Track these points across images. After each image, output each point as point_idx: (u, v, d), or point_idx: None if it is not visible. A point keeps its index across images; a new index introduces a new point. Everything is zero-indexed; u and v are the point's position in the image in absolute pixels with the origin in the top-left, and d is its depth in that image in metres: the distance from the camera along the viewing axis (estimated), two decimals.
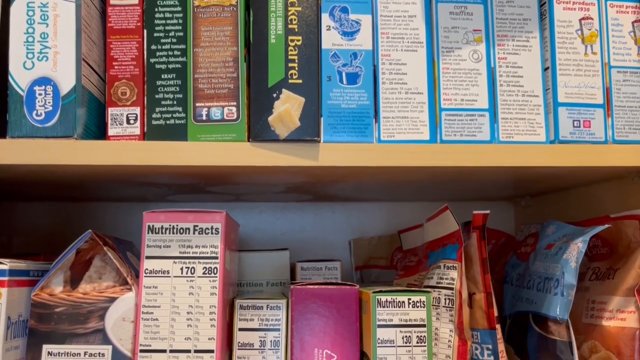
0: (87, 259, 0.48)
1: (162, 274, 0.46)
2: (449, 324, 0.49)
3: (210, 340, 0.46)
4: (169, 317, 0.46)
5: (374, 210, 0.81)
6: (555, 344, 0.51)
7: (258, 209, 0.79)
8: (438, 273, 0.51)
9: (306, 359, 0.46)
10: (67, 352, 0.45)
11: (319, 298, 0.47)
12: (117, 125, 0.49)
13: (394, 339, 0.45)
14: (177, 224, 0.47)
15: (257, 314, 0.50)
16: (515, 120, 0.51)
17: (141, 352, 0.45)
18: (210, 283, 0.47)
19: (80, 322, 0.45)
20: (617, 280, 0.54)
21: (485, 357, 0.51)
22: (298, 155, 0.46)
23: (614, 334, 0.53)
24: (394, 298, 0.46)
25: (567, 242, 0.54)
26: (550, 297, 0.53)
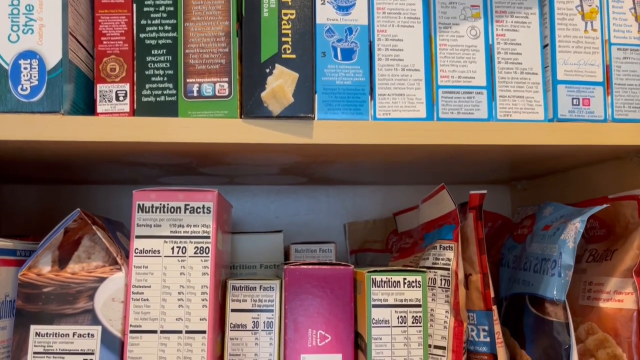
0: (76, 239, 0.47)
1: (152, 254, 0.45)
2: (445, 304, 0.48)
3: (202, 321, 0.45)
4: (160, 297, 0.45)
5: (369, 194, 0.80)
6: (551, 325, 0.51)
7: (252, 192, 0.78)
8: (434, 254, 0.51)
9: (300, 339, 0.45)
10: (56, 333, 0.44)
11: (313, 278, 0.46)
12: (106, 102, 0.47)
13: (389, 319, 0.44)
14: (168, 202, 0.46)
15: (250, 294, 0.49)
16: (513, 99, 0.50)
17: (131, 333, 0.44)
18: (202, 263, 0.46)
19: (68, 302, 0.44)
20: (615, 262, 0.54)
21: (482, 338, 0.50)
22: (292, 133, 0.45)
23: (611, 316, 0.52)
24: (389, 278, 0.45)
25: (564, 222, 0.53)
26: (547, 278, 0.52)
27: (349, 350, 0.45)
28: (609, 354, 0.52)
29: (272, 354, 0.48)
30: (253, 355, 0.48)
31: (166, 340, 0.44)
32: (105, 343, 0.44)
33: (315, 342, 0.45)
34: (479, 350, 0.50)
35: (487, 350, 0.50)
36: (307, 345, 0.45)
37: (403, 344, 0.44)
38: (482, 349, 0.50)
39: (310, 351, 0.45)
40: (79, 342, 0.44)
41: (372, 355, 0.44)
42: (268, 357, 0.48)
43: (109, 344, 0.44)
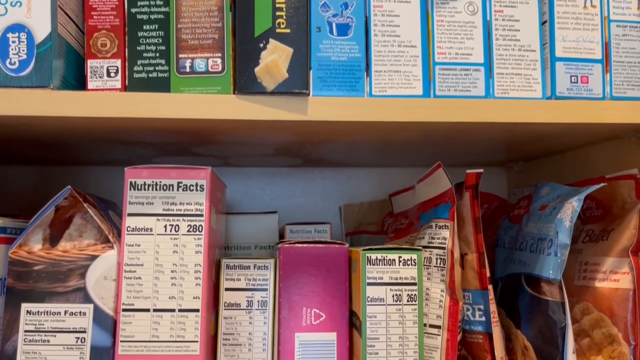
0: (67, 217, 0.46)
1: (145, 232, 0.45)
2: (440, 284, 0.48)
3: (195, 299, 0.44)
4: (153, 275, 0.44)
5: (364, 176, 0.79)
6: (547, 305, 0.50)
7: (246, 174, 0.78)
8: (429, 233, 0.50)
9: (294, 318, 0.45)
10: (47, 311, 0.43)
11: (308, 257, 0.46)
12: (97, 78, 0.47)
13: (384, 297, 0.44)
14: (161, 180, 0.46)
15: (244, 273, 0.48)
16: (511, 76, 0.49)
17: (124, 312, 0.44)
18: (195, 241, 0.45)
19: (60, 280, 0.44)
20: (611, 241, 0.53)
21: (477, 317, 0.50)
22: (286, 109, 0.45)
23: (607, 295, 0.52)
24: (384, 256, 0.45)
25: (561, 202, 0.52)
26: (543, 258, 0.52)
27: (344, 328, 0.45)
28: (604, 334, 0.52)
29: (266, 333, 0.48)
30: (247, 334, 0.48)
31: (159, 318, 0.44)
32: (97, 321, 0.44)
33: (310, 320, 0.45)
34: (474, 329, 0.50)
35: (483, 329, 0.50)
36: (302, 324, 0.45)
37: (398, 322, 0.44)
38: (478, 329, 0.50)
39: (304, 330, 0.45)
40: (70, 321, 0.43)
41: (366, 333, 0.43)
42: (262, 336, 0.48)
43: (101, 322, 0.44)
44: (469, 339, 0.50)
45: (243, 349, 0.47)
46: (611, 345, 0.51)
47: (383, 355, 0.43)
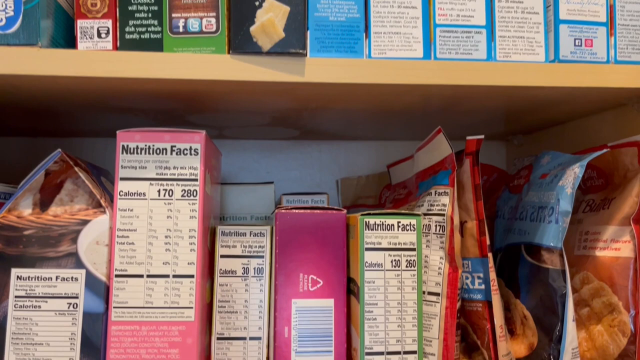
0: (58, 182, 0.45)
1: (137, 196, 0.44)
2: (440, 251, 0.47)
3: (190, 265, 0.43)
4: (146, 241, 0.43)
5: (361, 150, 0.78)
6: (547, 273, 0.50)
7: (242, 146, 0.76)
8: (429, 200, 0.49)
9: (291, 284, 0.44)
10: (38, 276, 0.42)
11: (305, 223, 0.45)
12: (87, 39, 0.45)
13: (382, 263, 0.43)
14: (154, 144, 0.44)
15: (240, 240, 0.47)
16: (513, 39, 0.48)
17: (117, 277, 0.43)
18: (189, 206, 0.44)
19: (51, 245, 0.43)
20: (613, 210, 0.53)
21: (476, 286, 0.49)
22: (282, 70, 0.43)
23: (608, 264, 0.52)
24: (383, 221, 0.44)
25: (562, 169, 0.52)
26: (544, 226, 0.51)
27: (341, 295, 0.44)
28: (604, 303, 0.51)
29: (262, 300, 0.47)
30: (243, 302, 0.47)
31: (153, 284, 0.43)
32: (89, 287, 0.43)
33: (307, 287, 0.44)
34: (473, 297, 0.49)
35: (482, 297, 0.49)
36: (299, 290, 0.44)
37: (397, 287, 0.43)
38: (477, 297, 0.49)
39: (301, 296, 0.44)
40: (62, 286, 0.42)
41: (364, 299, 0.43)
42: (258, 303, 0.47)
43: (93, 287, 0.43)
44: (467, 308, 0.50)
45: (239, 316, 0.47)
46: (611, 314, 0.51)
47: (381, 321, 0.43)
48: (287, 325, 0.43)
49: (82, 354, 0.42)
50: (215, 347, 0.46)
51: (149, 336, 0.42)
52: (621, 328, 0.50)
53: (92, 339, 0.42)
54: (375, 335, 0.42)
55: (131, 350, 0.42)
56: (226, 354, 0.46)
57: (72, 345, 0.42)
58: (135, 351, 0.42)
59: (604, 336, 0.51)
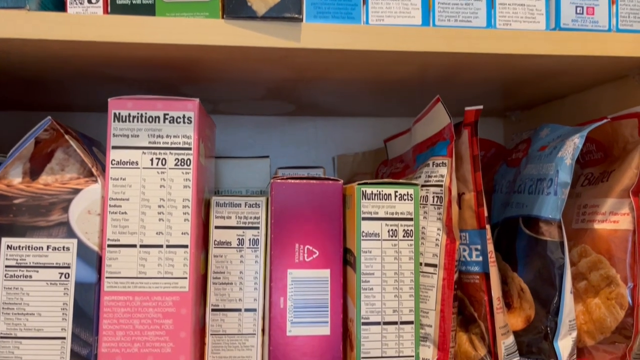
0: (49, 151, 0.44)
1: (130, 165, 0.43)
2: (437, 222, 0.47)
3: (183, 235, 0.43)
4: (139, 210, 0.43)
5: (358, 126, 0.78)
6: (545, 245, 0.49)
7: (237, 122, 0.75)
8: (426, 171, 0.48)
9: (286, 255, 0.43)
10: (29, 246, 0.42)
11: (301, 193, 0.44)
12: (77, 4, 0.44)
13: (379, 233, 0.43)
14: (146, 111, 0.43)
15: (235, 211, 0.47)
16: (513, 7, 0.47)
17: (109, 247, 0.42)
18: (183, 175, 0.43)
19: (41, 214, 0.42)
20: (612, 182, 0.52)
21: (474, 258, 0.49)
22: (278, 35, 0.42)
23: (606, 237, 0.51)
24: (380, 190, 0.43)
25: (562, 141, 0.51)
26: (542, 198, 0.51)
27: (338, 265, 0.43)
28: (602, 275, 0.51)
29: (257, 271, 0.46)
30: (238, 273, 0.46)
31: (146, 254, 0.42)
32: (81, 257, 0.42)
33: (303, 257, 0.43)
34: (470, 270, 0.49)
35: (479, 269, 0.48)
36: (294, 261, 0.43)
37: (394, 257, 0.43)
38: (474, 269, 0.49)
39: (297, 266, 0.43)
40: (53, 256, 0.42)
41: (361, 269, 0.42)
42: (254, 275, 0.46)
43: (86, 257, 0.42)
44: (465, 280, 0.49)
45: (234, 287, 0.46)
46: (609, 287, 0.51)
47: (378, 290, 0.42)
48: (282, 296, 0.43)
49: (75, 325, 0.41)
50: (210, 319, 0.46)
51: (142, 307, 0.42)
52: (619, 301, 0.50)
53: (85, 309, 0.41)
54: (371, 305, 0.42)
55: (124, 321, 0.42)
56: (221, 325, 0.46)
57: (64, 316, 0.41)
58: (129, 322, 0.42)
59: (601, 309, 0.51)
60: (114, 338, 0.41)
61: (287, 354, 0.42)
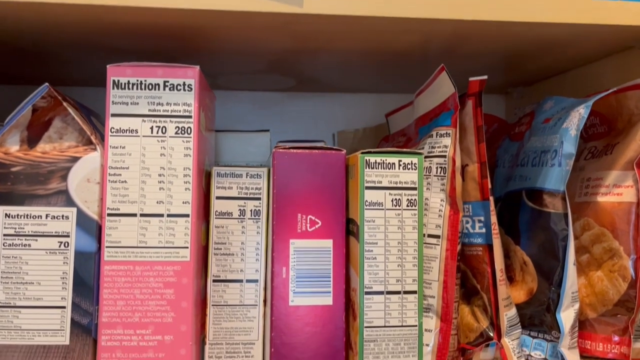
0: (46, 120, 0.43)
1: (130, 133, 0.42)
2: (440, 193, 0.46)
3: (184, 204, 0.42)
4: (139, 179, 0.42)
5: (359, 102, 0.77)
6: (549, 217, 0.49)
7: (237, 98, 0.75)
8: (429, 142, 0.48)
9: (288, 224, 0.43)
10: (27, 214, 0.41)
11: (303, 162, 0.43)
12: None
13: (382, 202, 0.42)
14: (146, 79, 0.43)
15: (236, 182, 0.46)
16: None
17: (109, 216, 0.41)
18: (183, 144, 0.43)
19: (40, 182, 0.41)
20: (616, 155, 0.52)
21: (477, 229, 0.48)
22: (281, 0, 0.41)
23: (609, 209, 0.51)
24: (384, 159, 0.42)
25: (567, 112, 0.50)
26: (546, 170, 0.50)
27: (340, 235, 0.43)
28: (605, 248, 0.51)
29: (259, 242, 0.46)
30: (240, 244, 0.46)
31: (146, 224, 0.42)
32: (81, 225, 0.41)
33: (305, 227, 0.43)
34: (473, 242, 0.49)
35: (483, 241, 0.48)
36: (297, 231, 0.43)
37: (397, 227, 0.42)
38: (477, 241, 0.48)
39: (299, 236, 0.43)
40: (52, 224, 0.41)
41: (364, 238, 0.42)
42: (255, 246, 0.46)
43: (85, 226, 0.41)
44: (467, 252, 0.49)
45: (235, 258, 0.46)
46: (612, 260, 0.50)
47: (381, 260, 0.42)
48: (284, 266, 0.42)
49: (75, 294, 0.41)
50: (211, 290, 0.45)
51: (143, 276, 0.41)
52: (621, 273, 0.50)
53: (85, 278, 0.41)
54: (374, 275, 0.42)
55: (125, 291, 0.41)
56: (222, 296, 0.45)
57: (64, 285, 0.41)
58: (129, 291, 0.41)
59: (604, 281, 0.51)
60: (115, 307, 0.41)
61: (289, 324, 0.42)
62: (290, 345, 0.42)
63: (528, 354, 0.50)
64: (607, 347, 0.50)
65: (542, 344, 0.49)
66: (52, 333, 0.40)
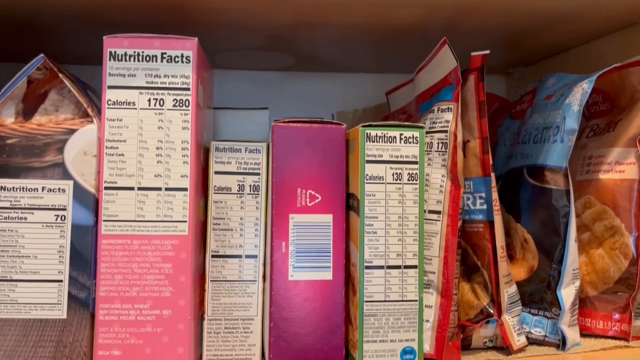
0: (42, 92, 0.43)
1: (127, 106, 0.41)
2: (442, 169, 0.46)
3: (183, 177, 0.42)
4: (136, 152, 0.41)
5: (358, 83, 0.76)
6: (550, 194, 0.49)
7: (235, 77, 0.74)
8: (431, 118, 0.47)
9: (288, 199, 0.42)
10: (23, 187, 0.40)
11: (303, 136, 0.43)
12: None
13: (383, 176, 0.42)
14: (143, 50, 0.42)
15: (235, 156, 0.46)
16: None
17: (106, 189, 0.41)
18: (181, 117, 0.42)
19: (36, 155, 0.41)
20: (618, 132, 0.51)
21: (478, 206, 0.48)
22: None
23: (611, 187, 0.51)
24: (385, 133, 0.42)
25: (569, 88, 0.50)
26: (548, 146, 0.50)
27: (340, 210, 0.43)
28: (606, 226, 0.50)
29: (258, 218, 0.45)
30: (239, 220, 0.45)
31: (144, 197, 0.41)
32: (78, 199, 0.41)
33: (305, 202, 0.43)
34: (474, 218, 0.48)
35: (484, 217, 0.48)
36: (296, 205, 0.42)
37: (398, 201, 0.42)
38: (478, 217, 0.48)
39: (299, 211, 0.42)
40: (49, 197, 0.40)
41: (364, 212, 0.41)
42: (254, 221, 0.45)
43: (82, 199, 0.41)
44: (468, 229, 0.49)
45: (234, 234, 0.45)
46: (613, 237, 0.50)
47: (381, 234, 0.41)
48: (284, 241, 0.42)
49: (72, 268, 0.40)
50: (209, 265, 0.45)
51: (140, 250, 0.41)
52: (623, 250, 0.49)
53: (82, 252, 0.41)
54: (375, 249, 0.41)
55: (122, 265, 0.41)
56: (221, 272, 0.45)
57: (61, 258, 0.40)
58: (127, 265, 0.41)
59: (605, 259, 0.50)
60: (112, 282, 0.41)
61: (288, 299, 0.42)
62: (289, 321, 0.42)
63: (528, 331, 0.50)
64: (607, 325, 0.50)
65: (543, 321, 0.49)
66: (49, 307, 0.40)
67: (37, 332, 0.40)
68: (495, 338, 0.48)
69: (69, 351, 0.40)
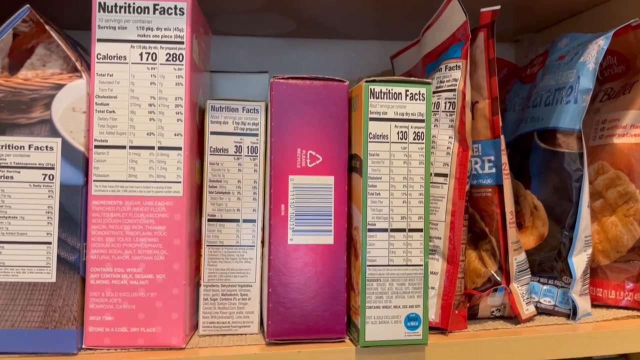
0: (29, 47, 0.40)
1: (117, 60, 0.39)
2: (449, 130, 0.44)
3: (176, 136, 0.40)
4: (128, 109, 0.39)
5: (360, 49, 0.73)
6: (562, 157, 0.46)
7: (234, 44, 0.71)
8: (438, 77, 0.45)
9: (287, 159, 0.40)
10: (9, 145, 0.38)
11: (304, 93, 0.41)
12: None
13: (387, 134, 0.39)
14: (134, 1, 0.40)
15: (232, 116, 0.43)
16: None
17: (96, 148, 0.39)
18: (175, 72, 0.40)
19: (22, 111, 0.39)
20: (634, 94, 0.49)
21: (486, 170, 0.46)
22: None
23: (626, 151, 0.48)
24: (390, 89, 0.40)
25: (584, 46, 0.47)
26: (560, 108, 0.47)
27: (342, 172, 0.41)
28: (620, 192, 0.48)
29: (256, 181, 0.43)
30: (236, 182, 0.43)
31: (136, 156, 0.39)
32: (66, 157, 0.39)
33: (305, 162, 0.40)
34: (482, 183, 0.46)
35: (492, 182, 0.46)
36: (296, 166, 0.40)
37: (403, 161, 0.40)
38: (487, 182, 0.46)
39: (299, 172, 0.40)
40: (36, 156, 0.38)
41: (367, 173, 0.39)
42: (252, 184, 0.43)
43: (71, 158, 0.39)
44: (475, 194, 0.47)
45: (231, 197, 0.43)
46: (627, 204, 0.48)
47: (385, 196, 0.39)
48: (283, 203, 0.40)
49: (61, 229, 0.38)
50: (206, 229, 0.43)
51: (133, 212, 0.39)
52: (637, 217, 0.47)
53: (72, 213, 0.39)
54: (378, 211, 0.39)
55: (114, 227, 0.39)
56: (218, 236, 0.43)
57: (50, 220, 0.38)
58: (119, 227, 0.39)
59: (618, 227, 0.48)
60: (104, 245, 0.39)
61: (288, 264, 0.40)
62: (289, 286, 0.40)
63: (537, 301, 0.48)
64: (619, 295, 0.48)
65: (552, 290, 0.47)
66: (37, 270, 0.38)
67: (25, 296, 0.38)
68: (503, 307, 0.46)
69: (58, 316, 0.38)
